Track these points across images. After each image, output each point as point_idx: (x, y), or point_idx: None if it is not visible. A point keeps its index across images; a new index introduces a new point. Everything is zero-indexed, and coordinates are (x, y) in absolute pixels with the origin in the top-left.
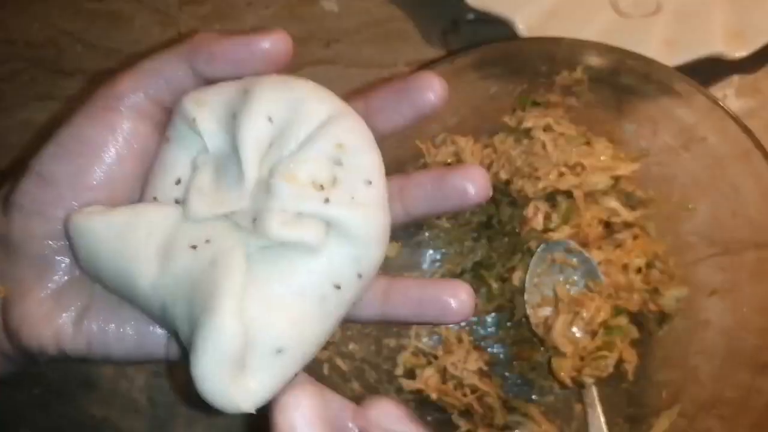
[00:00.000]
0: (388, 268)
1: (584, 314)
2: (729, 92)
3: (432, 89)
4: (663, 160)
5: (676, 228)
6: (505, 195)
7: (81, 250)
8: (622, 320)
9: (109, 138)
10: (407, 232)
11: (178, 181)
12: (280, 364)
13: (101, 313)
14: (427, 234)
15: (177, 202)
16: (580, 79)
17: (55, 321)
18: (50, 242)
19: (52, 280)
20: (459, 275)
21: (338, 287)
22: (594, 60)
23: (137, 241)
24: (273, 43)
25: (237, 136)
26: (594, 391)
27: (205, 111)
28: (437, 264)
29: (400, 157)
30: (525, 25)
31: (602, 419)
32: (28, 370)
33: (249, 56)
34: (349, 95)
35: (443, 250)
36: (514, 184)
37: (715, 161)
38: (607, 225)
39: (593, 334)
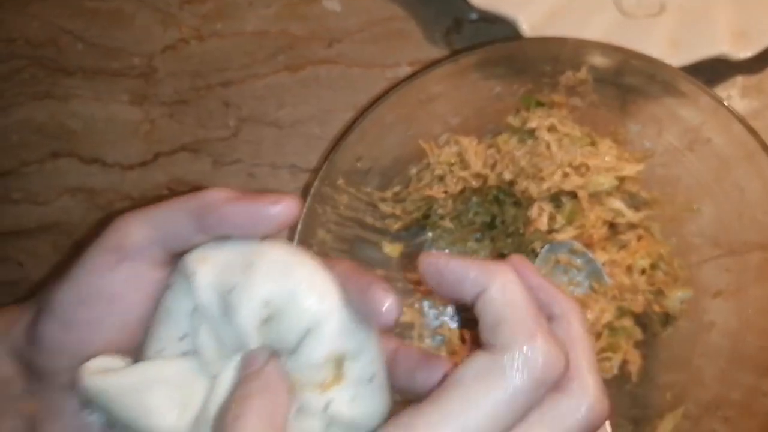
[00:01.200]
0: (390, 268)
1: (588, 315)
2: (733, 93)
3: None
4: (668, 160)
5: (680, 229)
6: (509, 195)
7: (97, 407)
8: (627, 321)
9: (122, 287)
10: (410, 233)
11: (182, 338)
12: None
13: None
14: (430, 234)
15: (184, 353)
16: (584, 80)
17: None
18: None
19: (76, 405)
20: None
21: (371, 379)
22: (598, 60)
23: (153, 398)
24: (282, 211)
25: (234, 312)
26: None
27: (204, 270)
28: None
29: (404, 157)
30: (529, 24)
31: (606, 420)
32: None
33: (257, 221)
34: (401, 117)
35: (446, 251)
36: (518, 184)
37: (720, 162)
38: (612, 226)
39: (597, 335)
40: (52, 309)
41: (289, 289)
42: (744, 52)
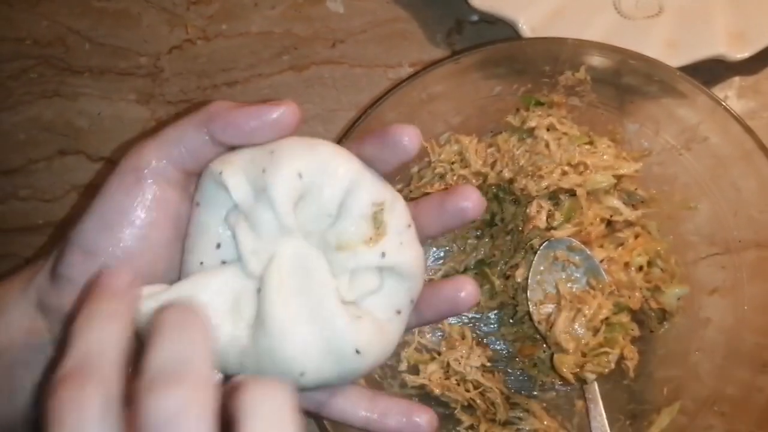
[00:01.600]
0: None
1: (586, 311)
2: (730, 93)
3: (407, 134)
4: (665, 159)
5: (677, 227)
6: (508, 193)
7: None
8: (624, 317)
9: (143, 207)
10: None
11: (219, 246)
12: (356, 366)
13: None
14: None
15: (223, 262)
16: (583, 80)
17: None
18: None
19: None
20: (462, 272)
21: (399, 312)
22: (597, 60)
23: (207, 311)
24: (281, 114)
25: (270, 187)
26: (595, 388)
27: (232, 167)
28: (441, 261)
29: None
30: (528, 25)
31: (603, 415)
32: None
33: (260, 125)
34: (402, 117)
35: (447, 248)
36: (518, 182)
37: (717, 161)
38: (609, 223)
39: (595, 331)
40: (74, 240)
41: (319, 160)
42: (741, 53)
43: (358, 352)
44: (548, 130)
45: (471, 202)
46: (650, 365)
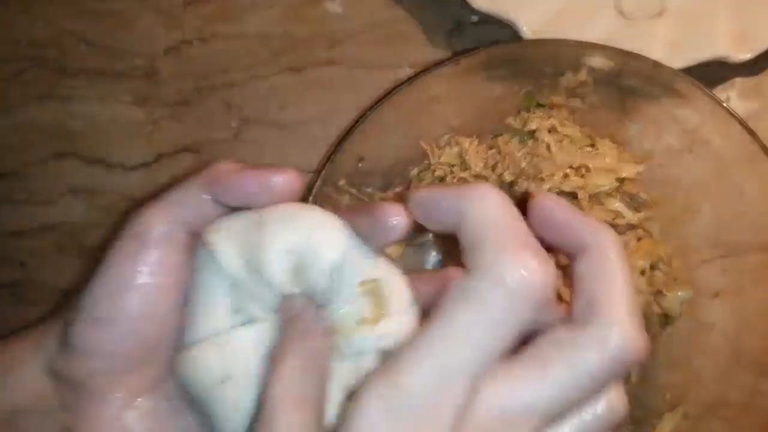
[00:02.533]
0: None
1: None
2: (732, 95)
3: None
4: (667, 162)
5: (679, 230)
6: (509, 196)
7: (195, 383)
8: None
9: (147, 274)
10: (411, 233)
11: (237, 311)
12: None
13: None
14: (431, 235)
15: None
16: (584, 81)
17: None
18: (109, 377)
19: (112, 411)
20: None
21: None
22: (598, 62)
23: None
24: (286, 180)
25: (263, 268)
26: None
27: (222, 241)
28: (440, 265)
29: (405, 158)
30: (529, 27)
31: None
32: None
33: (264, 189)
34: (402, 118)
35: (447, 251)
36: (519, 185)
37: (720, 163)
38: (612, 227)
39: None
40: (81, 308)
41: (304, 236)
42: (743, 54)
43: None
44: (549, 132)
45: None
46: (653, 370)
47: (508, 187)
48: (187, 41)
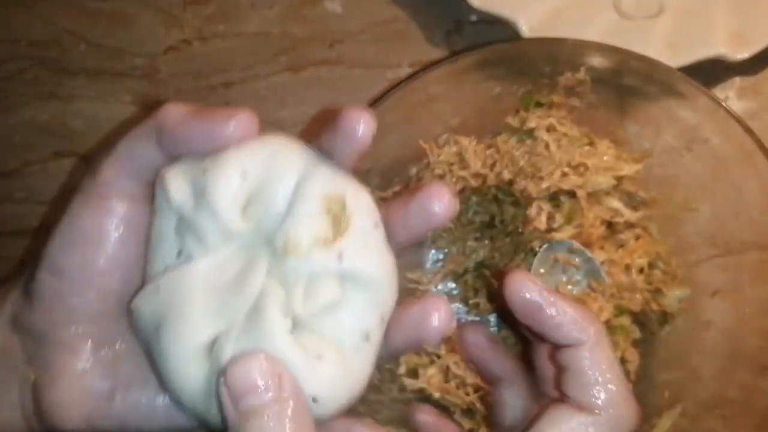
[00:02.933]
0: None
1: None
2: (730, 94)
3: (362, 120)
4: (666, 160)
5: (678, 229)
6: (508, 195)
7: (142, 333)
8: (625, 320)
9: (107, 225)
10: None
11: (180, 253)
12: (316, 413)
13: (131, 391)
14: (429, 234)
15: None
16: (583, 80)
17: (85, 403)
18: (72, 327)
19: (79, 363)
20: (461, 275)
21: (368, 337)
22: (597, 61)
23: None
24: (236, 127)
25: (209, 191)
26: None
27: (174, 170)
28: (439, 264)
29: (404, 157)
30: (528, 26)
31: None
32: None
33: (213, 138)
34: (401, 118)
35: (446, 250)
36: (518, 184)
37: (718, 162)
38: (610, 225)
39: None
40: (42, 260)
41: (266, 154)
42: (741, 53)
43: (315, 400)
44: (548, 131)
45: (442, 203)
46: (651, 368)
47: (507, 186)
48: (187, 41)
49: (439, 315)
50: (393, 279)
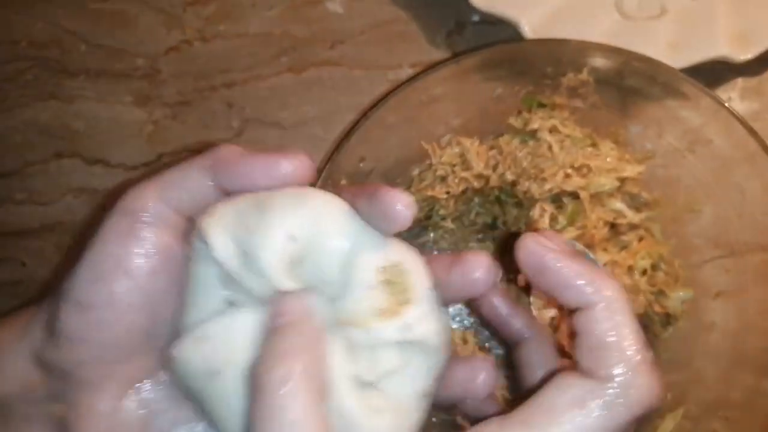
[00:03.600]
0: None
1: None
2: (733, 95)
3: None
4: (668, 162)
5: (681, 230)
6: (510, 196)
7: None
8: None
9: (138, 256)
10: (412, 233)
11: (229, 304)
12: None
13: (162, 428)
14: (432, 235)
15: None
16: (585, 81)
17: None
18: (100, 366)
19: (107, 402)
20: None
21: (425, 395)
22: (600, 62)
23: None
24: (296, 165)
25: (257, 255)
26: None
27: (222, 235)
28: None
29: (406, 158)
30: (530, 27)
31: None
32: None
33: (271, 176)
34: (403, 119)
35: (448, 252)
36: (520, 185)
37: (721, 163)
38: (613, 227)
39: None
40: (68, 293)
41: (313, 214)
42: (744, 54)
43: None
44: (551, 132)
45: (482, 270)
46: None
47: (510, 187)
48: (188, 41)
49: (484, 376)
50: (448, 340)
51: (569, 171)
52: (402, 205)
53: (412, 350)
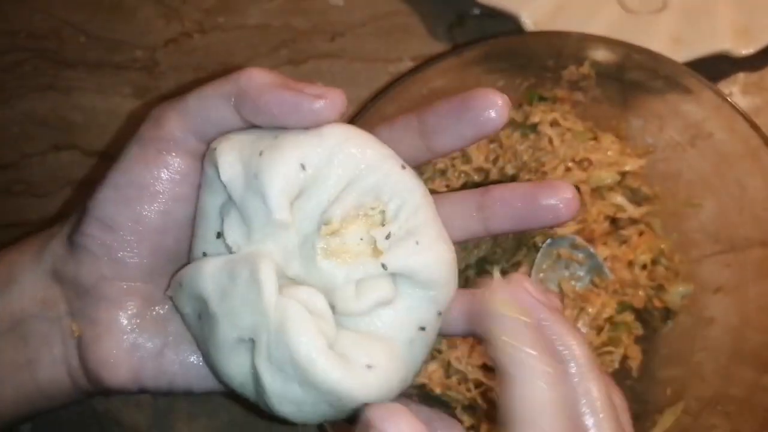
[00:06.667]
0: None
1: (590, 310)
2: (735, 89)
3: (494, 107)
4: (669, 156)
5: (681, 225)
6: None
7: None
8: (628, 316)
9: (164, 181)
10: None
11: (218, 235)
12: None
13: (180, 350)
14: None
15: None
16: (587, 75)
17: (133, 361)
18: (122, 283)
19: (127, 320)
20: (463, 270)
21: (423, 329)
22: (601, 55)
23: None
24: (326, 106)
25: (262, 175)
26: None
27: (228, 145)
28: None
29: None
30: (531, 19)
31: None
32: None
33: (298, 114)
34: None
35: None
36: (521, 179)
37: (722, 158)
38: (613, 221)
39: (599, 329)
40: (92, 211)
41: (329, 146)
42: (746, 49)
43: (366, 403)
44: (552, 125)
45: (495, 108)
46: (653, 365)
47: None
48: (187, 33)
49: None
50: (450, 274)
51: (570, 165)
52: (496, 110)
53: (404, 283)
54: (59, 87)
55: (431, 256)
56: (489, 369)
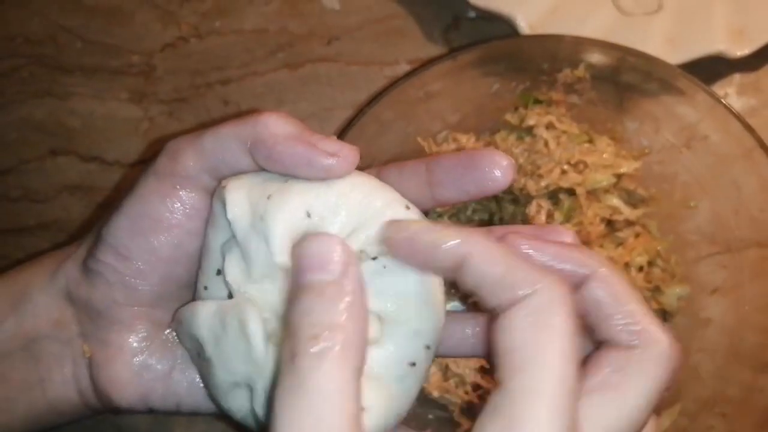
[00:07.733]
0: None
1: None
2: (730, 91)
3: (500, 168)
4: (665, 158)
5: (677, 226)
6: (507, 193)
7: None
8: None
9: (177, 215)
10: None
11: (218, 272)
12: None
13: (187, 372)
14: None
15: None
16: (582, 77)
17: (142, 382)
18: (133, 308)
19: (137, 343)
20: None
21: (413, 364)
22: (596, 58)
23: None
24: (338, 164)
25: (268, 217)
26: None
27: (236, 184)
28: None
29: (402, 154)
30: (527, 22)
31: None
32: None
33: (310, 168)
34: (399, 115)
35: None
36: (517, 182)
37: (717, 159)
38: (609, 223)
39: None
40: (107, 239)
41: (335, 195)
42: (741, 50)
43: None
44: (547, 128)
45: (500, 169)
46: None
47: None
48: (184, 38)
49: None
50: (437, 306)
51: (565, 167)
52: (501, 171)
53: (388, 323)
54: (56, 92)
55: (409, 290)
56: (486, 371)
